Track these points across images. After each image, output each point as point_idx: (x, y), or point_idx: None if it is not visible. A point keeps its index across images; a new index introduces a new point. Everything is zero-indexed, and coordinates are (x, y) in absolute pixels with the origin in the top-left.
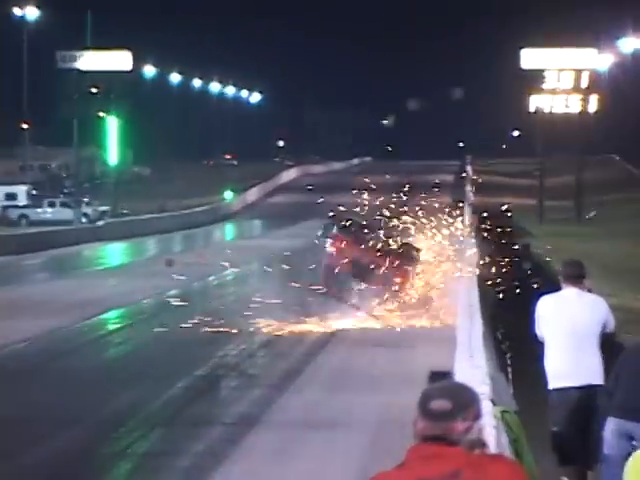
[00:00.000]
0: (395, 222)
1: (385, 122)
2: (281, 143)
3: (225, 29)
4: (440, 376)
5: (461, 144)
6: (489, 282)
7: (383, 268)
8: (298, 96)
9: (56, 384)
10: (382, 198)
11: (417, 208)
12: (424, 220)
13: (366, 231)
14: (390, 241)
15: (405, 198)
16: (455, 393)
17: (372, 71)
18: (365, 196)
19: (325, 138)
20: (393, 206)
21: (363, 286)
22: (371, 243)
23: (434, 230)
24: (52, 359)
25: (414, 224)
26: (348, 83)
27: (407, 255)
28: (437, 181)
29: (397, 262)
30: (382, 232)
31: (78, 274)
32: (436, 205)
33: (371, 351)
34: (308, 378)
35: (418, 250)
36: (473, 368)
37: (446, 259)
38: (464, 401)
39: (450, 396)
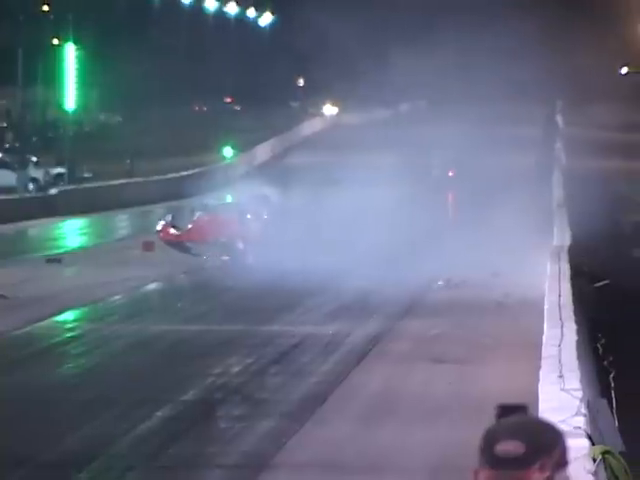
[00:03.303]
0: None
1: None
2: (301, 81)
3: None
4: (512, 411)
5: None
6: (585, 273)
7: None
8: (323, 14)
9: None
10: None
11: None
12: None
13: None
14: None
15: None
16: (530, 431)
17: None
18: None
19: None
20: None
21: None
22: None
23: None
24: None
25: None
26: None
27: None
28: (517, 135)
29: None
30: None
31: (23, 260)
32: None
33: (424, 368)
34: (335, 406)
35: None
36: (563, 392)
37: (527, 241)
38: (542, 442)
39: (523, 436)
